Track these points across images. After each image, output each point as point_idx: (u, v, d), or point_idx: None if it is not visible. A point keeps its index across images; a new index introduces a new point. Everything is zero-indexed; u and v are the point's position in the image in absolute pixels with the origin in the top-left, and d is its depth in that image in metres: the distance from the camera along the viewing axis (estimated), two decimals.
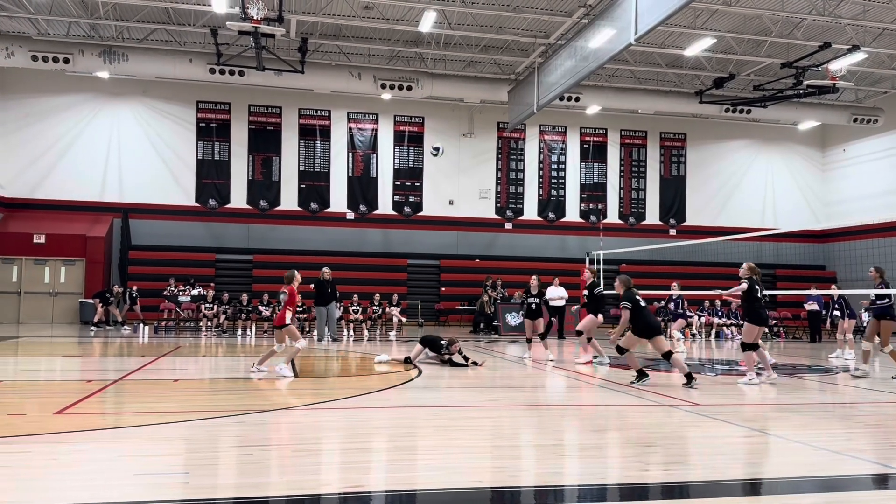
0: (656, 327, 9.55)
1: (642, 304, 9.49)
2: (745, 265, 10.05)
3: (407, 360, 11.61)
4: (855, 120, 25.81)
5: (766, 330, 19.23)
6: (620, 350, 9.64)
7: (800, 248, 28.48)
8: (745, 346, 9.73)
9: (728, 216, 28.47)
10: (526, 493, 4.49)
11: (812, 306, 19.98)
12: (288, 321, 10.04)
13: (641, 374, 9.38)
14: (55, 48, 20.30)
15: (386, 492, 4.37)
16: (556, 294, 19.83)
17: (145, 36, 21.24)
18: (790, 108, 25.14)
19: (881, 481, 4.88)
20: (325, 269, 17.70)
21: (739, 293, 10.04)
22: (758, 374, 9.97)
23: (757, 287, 9.80)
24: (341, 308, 19.37)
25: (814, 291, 19.05)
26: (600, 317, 12.47)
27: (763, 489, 4.69)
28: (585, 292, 12.65)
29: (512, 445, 5.95)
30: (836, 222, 27.63)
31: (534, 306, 13.51)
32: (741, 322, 20.05)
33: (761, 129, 29.06)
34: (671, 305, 17.05)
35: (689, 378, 9.16)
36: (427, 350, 11.78)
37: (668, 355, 9.28)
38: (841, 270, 27.72)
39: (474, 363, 11.49)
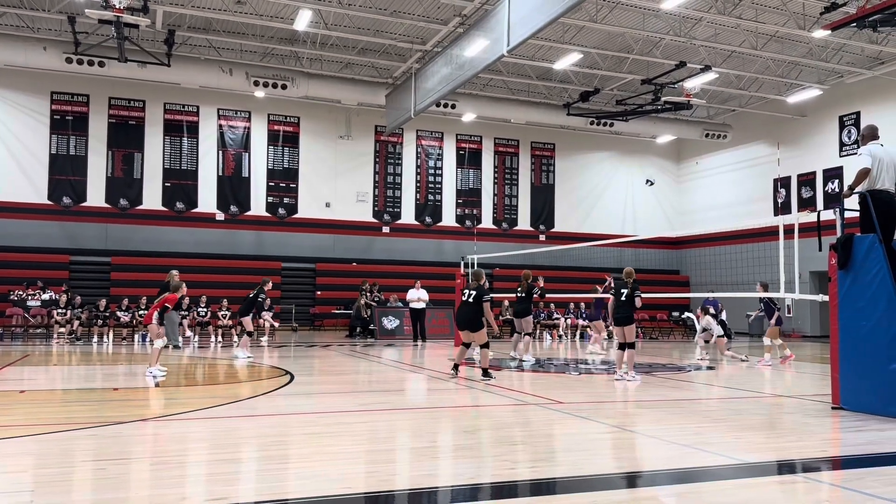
0: None
1: None
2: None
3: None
4: (707, 135, 27.90)
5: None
6: None
7: (657, 254, 30.33)
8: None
9: (592, 223, 29.86)
10: (399, 497, 4.50)
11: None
12: (154, 321, 10.43)
13: None
14: None
15: (254, 503, 4.24)
16: (416, 296, 19.95)
17: None
18: (649, 122, 26.79)
19: (728, 472, 5.28)
20: (174, 272, 16.60)
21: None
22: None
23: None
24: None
25: (715, 294, 19.51)
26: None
27: (623, 483, 4.95)
28: (524, 294, 13.62)
29: (385, 450, 5.95)
30: (689, 230, 29.69)
31: None
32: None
33: (623, 141, 30.72)
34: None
35: None
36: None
37: None
38: (693, 275, 29.80)
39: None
